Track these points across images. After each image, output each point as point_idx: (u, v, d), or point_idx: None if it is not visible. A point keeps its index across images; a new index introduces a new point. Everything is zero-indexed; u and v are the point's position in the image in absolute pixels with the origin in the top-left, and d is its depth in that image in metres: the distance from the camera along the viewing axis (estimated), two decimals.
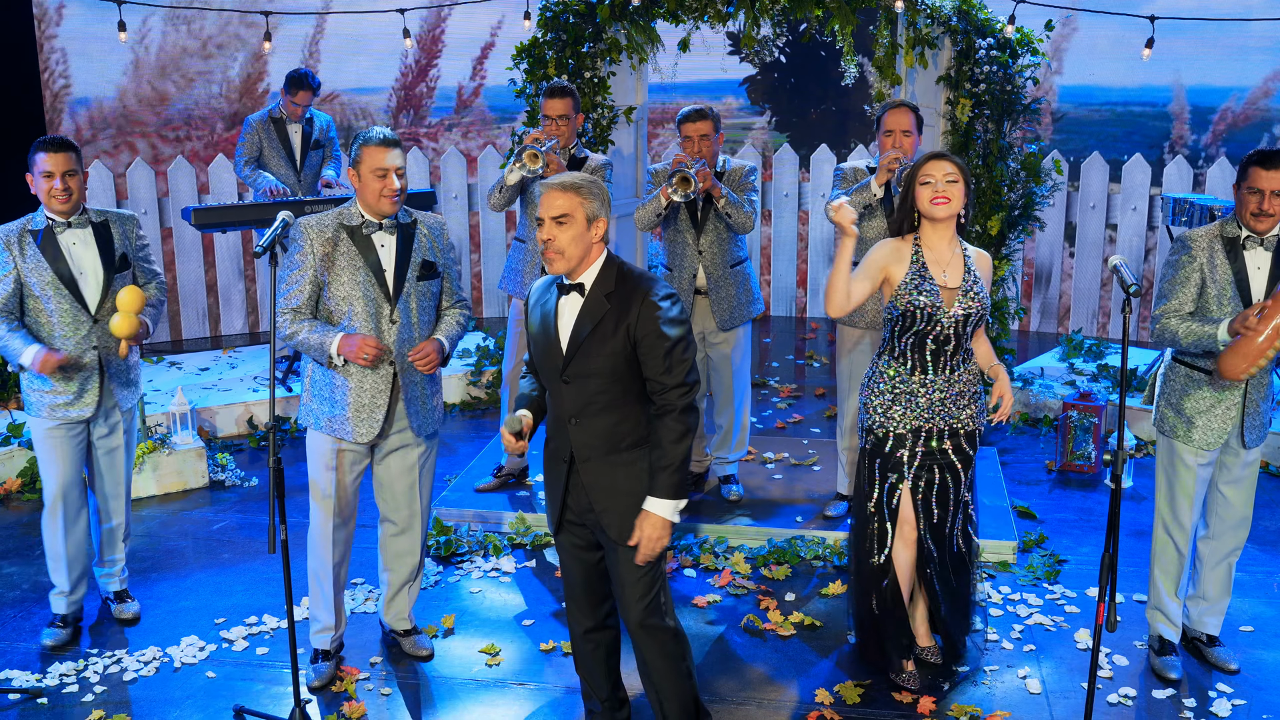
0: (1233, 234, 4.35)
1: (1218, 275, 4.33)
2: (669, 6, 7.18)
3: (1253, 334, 4.09)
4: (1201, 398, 4.42)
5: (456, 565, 5.63)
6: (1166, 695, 4.51)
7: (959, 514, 4.49)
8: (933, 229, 4.29)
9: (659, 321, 3.62)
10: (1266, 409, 4.46)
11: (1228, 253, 4.33)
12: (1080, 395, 6.71)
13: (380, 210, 4.35)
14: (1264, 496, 6.34)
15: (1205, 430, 4.42)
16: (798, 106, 10.99)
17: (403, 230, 4.44)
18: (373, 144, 4.29)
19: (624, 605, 3.85)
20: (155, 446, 6.48)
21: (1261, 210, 4.22)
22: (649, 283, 3.71)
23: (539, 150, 5.57)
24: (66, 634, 4.98)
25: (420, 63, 10.45)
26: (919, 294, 4.23)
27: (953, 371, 4.33)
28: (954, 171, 4.19)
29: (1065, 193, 9.33)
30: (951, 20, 7.09)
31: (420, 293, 4.46)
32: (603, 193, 3.73)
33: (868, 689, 4.55)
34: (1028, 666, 4.72)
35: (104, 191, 9.08)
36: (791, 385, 8.22)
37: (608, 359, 3.64)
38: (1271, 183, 4.18)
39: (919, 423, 4.35)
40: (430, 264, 4.48)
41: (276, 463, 3.91)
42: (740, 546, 5.72)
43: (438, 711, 4.46)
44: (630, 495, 3.74)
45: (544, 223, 3.68)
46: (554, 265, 3.71)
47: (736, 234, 5.80)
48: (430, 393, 4.61)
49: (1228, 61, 9.73)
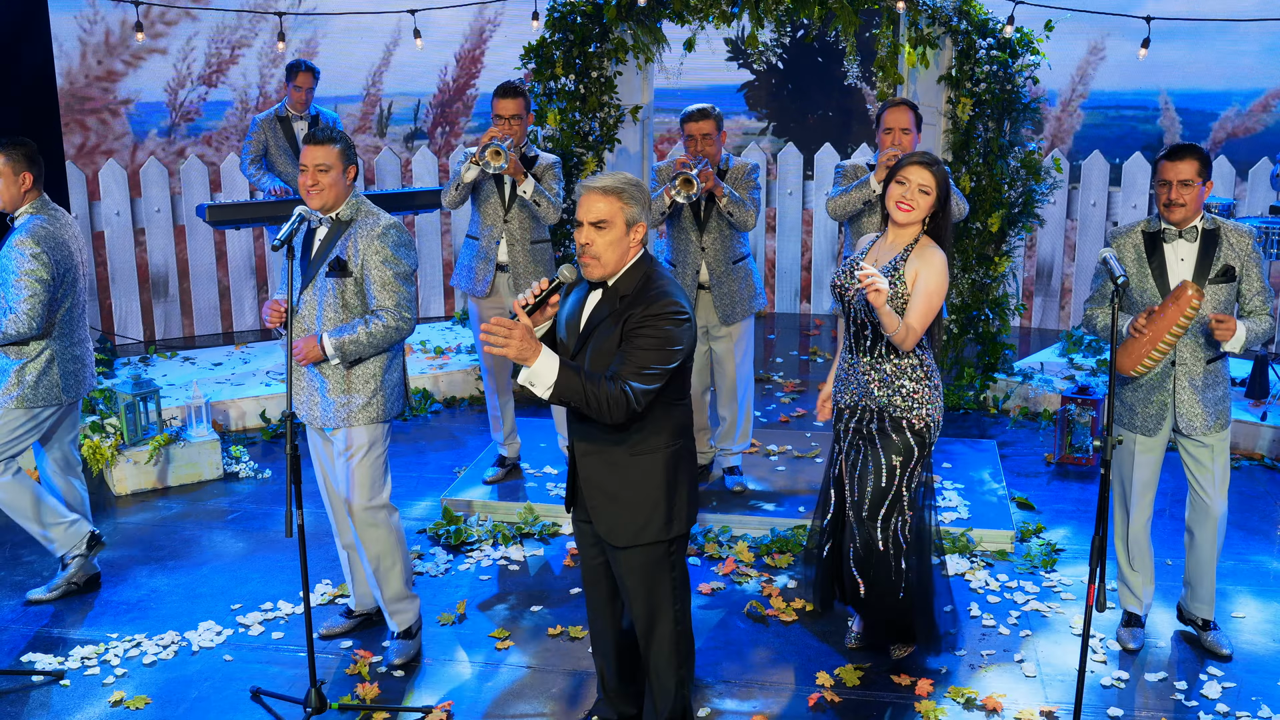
0: (1153, 229, 4.56)
1: (1135, 271, 4.56)
2: (675, 7, 7.30)
3: (1140, 336, 4.35)
4: (1138, 387, 4.63)
5: (466, 554, 5.76)
6: (1159, 678, 4.63)
7: (890, 508, 4.48)
8: (892, 222, 4.45)
9: (648, 331, 3.58)
10: (1211, 399, 4.59)
11: (1148, 247, 4.54)
12: (1078, 389, 6.82)
13: (309, 203, 4.50)
14: (1258, 488, 6.46)
15: (1144, 418, 4.63)
16: (796, 112, 11.13)
17: (337, 226, 4.54)
18: (305, 140, 4.49)
19: (627, 602, 3.92)
20: (171, 439, 6.62)
21: (1170, 200, 4.43)
22: (661, 294, 3.63)
23: (501, 148, 5.72)
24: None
25: (459, 80, 10.71)
26: (840, 275, 4.51)
27: (873, 356, 4.46)
28: (929, 184, 4.31)
29: (1066, 190, 9.44)
30: (952, 20, 7.21)
31: (325, 288, 4.50)
32: (644, 195, 3.69)
33: (867, 671, 4.67)
34: (1023, 651, 4.84)
35: (118, 189, 9.21)
36: (795, 380, 8.34)
37: (605, 356, 3.66)
38: (1177, 174, 4.40)
39: (853, 399, 4.54)
40: (342, 262, 4.48)
41: (293, 449, 4.04)
42: (744, 536, 5.84)
43: (448, 693, 4.59)
44: (621, 500, 3.75)
45: (582, 226, 3.63)
46: (589, 270, 3.66)
47: (739, 231, 5.93)
48: (336, 388, 4.54)
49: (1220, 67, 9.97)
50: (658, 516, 3.76)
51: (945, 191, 4.37)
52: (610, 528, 3.79)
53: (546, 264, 6.15)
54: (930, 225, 4.40)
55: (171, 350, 8.80)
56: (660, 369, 3.58)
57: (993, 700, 4.47)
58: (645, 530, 3.76)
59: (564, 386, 3.51)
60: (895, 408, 4.44)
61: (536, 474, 6.51)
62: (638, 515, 3.76)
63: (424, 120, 10.88)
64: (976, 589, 5.34)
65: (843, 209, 5.72)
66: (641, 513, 3.76)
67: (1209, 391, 4.58)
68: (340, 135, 4.50)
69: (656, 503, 3.75)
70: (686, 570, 3.94)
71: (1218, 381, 4.61)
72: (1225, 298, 4.48)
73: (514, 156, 5.80)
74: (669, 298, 3.62)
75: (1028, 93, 7.29)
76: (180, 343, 9.41)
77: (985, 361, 7.65)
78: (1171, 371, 4.55)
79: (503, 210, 6.04)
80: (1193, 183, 4.40)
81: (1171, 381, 4.56)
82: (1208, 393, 4.58)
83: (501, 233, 6.07)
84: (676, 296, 3.64)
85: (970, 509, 5.99)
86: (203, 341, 9.45)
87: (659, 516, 3.76)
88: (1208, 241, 4.49)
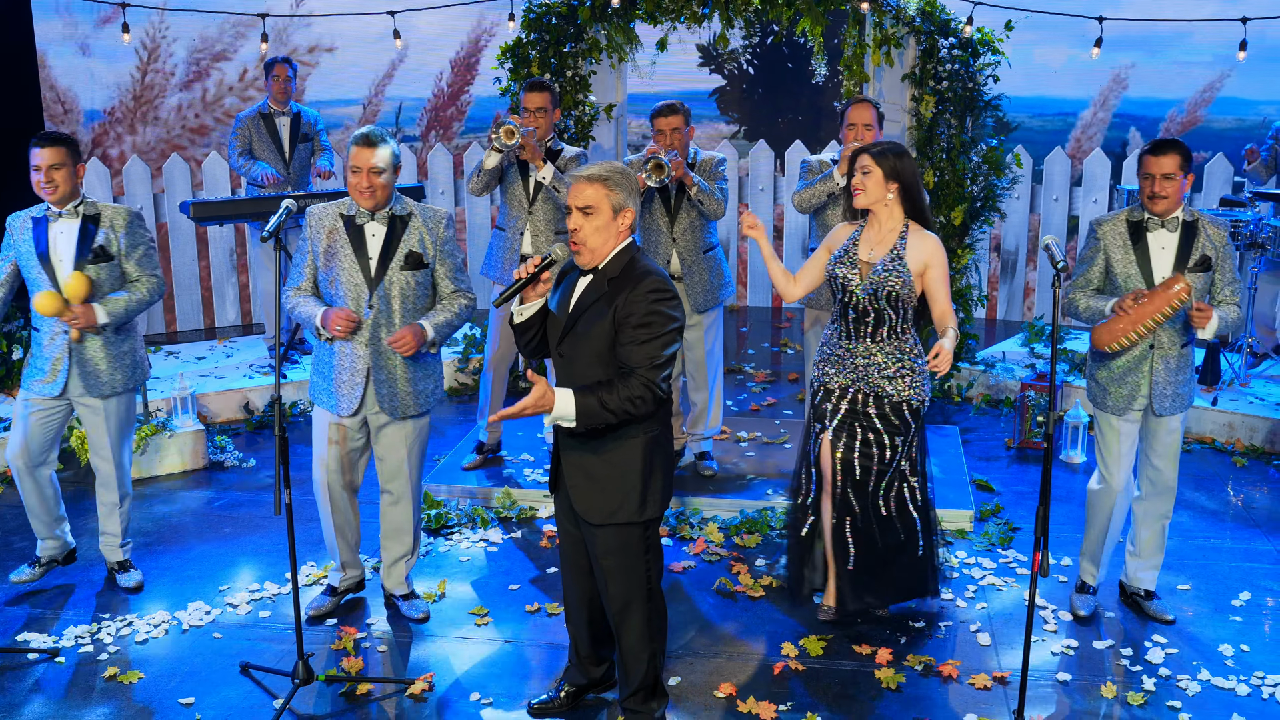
0: (1137, 218, 4.79)
1: (1120, 257, 4.79)
2: (647, 8, 7.52)
3: (1125, 315, 4.59)
4: (1114, 368, 4.86)
5: (446, 536, 5.96)
6: (1106, 645, 4.88)
7: (894, 480, 4.86)
8: (873, 212, 4.73)
9: (643, 315, 3.79)
10: (1178, 380, 4.84)
11: (1132, 235, 4.78)
12: (1037, 376, 7.07)
13: (358, 203, 4.70)
14: (1208, 469, 6.72)
15: (1118, 397, 4.86)
16: (767, 115, 11.39)
17: (395, 221, 4.76)
18: (352, 143, 4.68)
19: (602, 579, 4.10)
20: (157, 430, 6.79)
21: (1154, 193, 4.67)
22: (648, 275, 3.83)
23: (514, 126, 5.92)
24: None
25: (453, 87, 10.97)
26: (839, 266, 4.73)
27: (873, 341, 4.73)
28: (868, 164, 4.65)
29: (1029, 185, 9.70)
30: (915, 21, 7.45)
31: (404, 281, 4.75)
32: (630, 182, 3.88)
33: (830, 642, 4.90)
34: (979, 622, 5.08)
35: (101, 186, 9.37)
36: (766, 371, 8.58)
37: (595, 340, 3.86)
38: (1160, 167, 4.64)
39: (846, 382, 4.78)
40: (416, 255, 4.76)
41: (281, 431, 4.24)
42: (714, 517, 6.07)
43: (430, 666, 4.80)
44: (600, 481, 3.93)
45: (572, 212, 3.85)
46: (579, 258, 3.89)
47: (709, 221, 6.15)
48: (414, 376, 4.85)
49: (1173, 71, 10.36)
50: (633, 498, 3.96)
51: (903, 177, 4.64)
52: (587, 506, 3.99)
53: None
54: (911, 210, 4.72)
55: (155, 345, 8.96)
56: (667, 352, 3.83)
57: (949, 667, 4.71)
58: (620, 510, 3.96)
59: (585, 412, 3.73)
60: (897, 390, 4.73)
61: (515, 461, 6.72)
62: (615, 496, 3.95)
63: (418, 124, 11.10)
64: (937, 566, 5.57)
65: (808, 202, 5.96)
66: (618, 494, 3.95)
67: (1180, 374, 4.84)
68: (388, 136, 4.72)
69: (633, 485, 3.95)
70: (660, 549, 4.15)
71: (1187, 365, 4.88)
72: (1202, 286, 4.74)
73: (531, 141, 5.99)
74: (654, 275, 3.85)
75: (989, 90, 7.54)
76: (163, 338, 9.57)
77: None
78: (1149, 354, 4.79)
79: (527, 201, 6.24)
80: (1174, 176, 4.64)
81: (1148, 364, 4.80)
82: (1178, 375, 4.83)
83: (526, 223, 6.27)
84: (661, 274, 3.88)
85: (933, 490, 6.18)
86: (185, 337, 9.62)
87: (634, 498, 3.96)
88: (1187, 232, 4.74)
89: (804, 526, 5.03)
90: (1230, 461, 6.84)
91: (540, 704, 4.47)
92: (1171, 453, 4.92)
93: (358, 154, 4.62)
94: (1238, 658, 4.79)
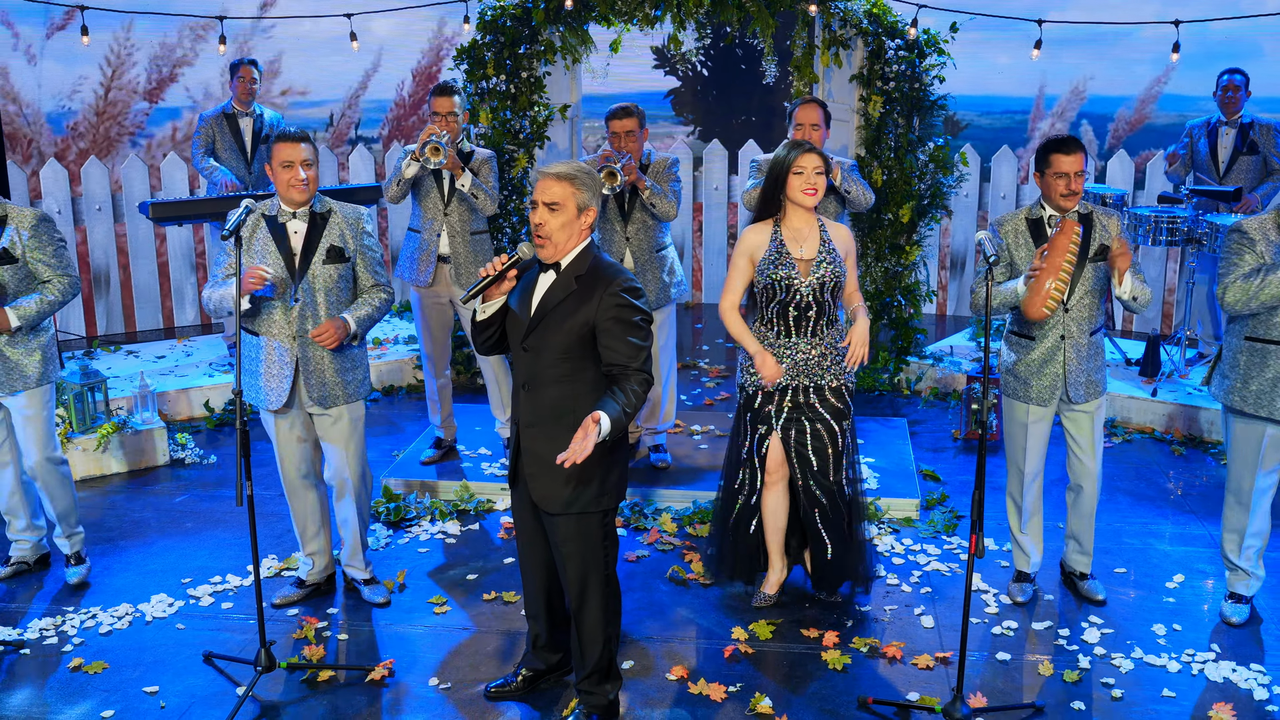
0: (1037, 215, 5.00)
1: (1024, 255, 4.98)
2: (601, 10, 7.66)
3: (1040, 273, 4.75)
4: (1030, 361, 5.04)
5: (405, 529, 6.08)
6: (1044, 626, 5.07)
7: (844, 461, 5.05)
8: (794, 212, 4.89)
9: (620, 310, 3.96)
10: (1090, 367, 5.04)
11: (1032, 232, 4.98)
12: (983, 369, 7.26)
13: (290, 199, 4.86)
14: (1148, 458, 6.94)
15: (1039, 389, 5.05)
16: (721, 116, 11.58)
17: (316, 217, 4.92)
18: (276, 141, 4.82)
19: (561, 566, 4.24)
20: (118, 427, 6.86)
21: (1071, 190, 4.86)
22: (616, 274, 4.01)
23: (440, 144, 6.07)
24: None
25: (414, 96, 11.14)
26: (778, 268, 4.85)
27: (814, 335, 4.91)
28: (822, 165, 4.82)
29: (977, 183, 9.92)
30: (863, 23, 7.63)
31: (326, 275, 4.91)
32: (595, 183, 4.06)
33: (779, 627, 5.07)
34: (923, 606, 5.26)
35: (58, 188, 9.40)
36: (720, 366, 8.74)
37: (564, 336, 4.00)
38: (1074, 165, 4.83)
39: (785, 380, 4.94)
40: (338, 249, 4.93)
41: (242, 424, 4.35)
42: (668, 508, 6.22)
43: (390, 653, 4.92)
44: (558, 472, 4.03)
45: (537, 206, 3.99)
46: (543, 252, 4.03)
47: (661, 222, 6.30)
48: (340, 367, 5.00)
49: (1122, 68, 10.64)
50: (591, 488, 4.10)
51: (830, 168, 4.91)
52: (546, 495, 4.12)
53: (486, 254, 6.48)
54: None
55: (114, 345, 9.01)
56: (646, 342, 4.02)
57: (893, 648, 4.88)
58: (577, 500, 4.10)
59: (619, 427, 3.87)
60: (835, 375, 4.94)
61: (472, 455, 6.84)
62: (573, 486, 4.09)
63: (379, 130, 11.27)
64: (883, 552, 5.75)
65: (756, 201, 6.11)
66: (576, 484, 4.09)
67: (1090, 362, 5.03)
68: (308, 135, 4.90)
69: (591, 476, 4.08)
70: (616, 538, 4.29)
71: (1097, 353, 5.07)
72: (1103, 274, 4.93)
73: (452, 152, 6.15)
74: (624, 273, 4.05)
75: (935, 90, 7.73)
76: (122, 338, 9.61)
77: (898, 346, 8.09)
78: (1061, 345, 4.98)
79: (443, 204, 6.37)
80: (1082, 172, 4.86)
81: (1061, 354, 5.00)
82: (1090, 363, 5.03)
83: (442, 225, 6.39)
84: (627, 271, 4.09)
85: (880, 480, 6.41)
86: (144, 336, 9.67)
87: (592, 488, 4.10)
88: (1085, 225, 4.94)
89: (733, 513, 5.22)
90: (1169, 451, 7.06)
91: (497, 688, 4.60)
92: (1093, 439, 5.12)
93: (289, 149, 4.79)
94: (1170, 636, 4.99)
